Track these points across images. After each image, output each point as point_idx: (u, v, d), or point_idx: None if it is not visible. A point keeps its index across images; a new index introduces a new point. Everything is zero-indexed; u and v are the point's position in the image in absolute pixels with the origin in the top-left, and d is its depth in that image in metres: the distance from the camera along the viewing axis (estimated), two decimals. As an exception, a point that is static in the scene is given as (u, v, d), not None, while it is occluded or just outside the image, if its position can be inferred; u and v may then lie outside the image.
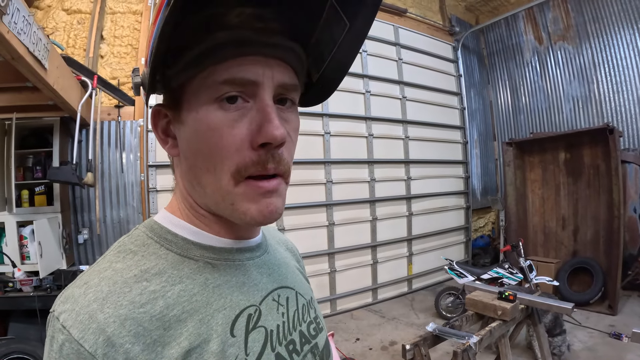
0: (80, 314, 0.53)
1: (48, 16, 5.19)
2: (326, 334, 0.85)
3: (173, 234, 0.66)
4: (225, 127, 0.59)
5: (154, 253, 0.63)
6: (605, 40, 7.33)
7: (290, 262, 0.91)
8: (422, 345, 2.87)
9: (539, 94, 8.43)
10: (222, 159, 0.60)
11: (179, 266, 0.63)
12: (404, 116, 7.30)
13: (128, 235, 0.67)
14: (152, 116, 0.68)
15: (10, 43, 2.57)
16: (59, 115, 4.51)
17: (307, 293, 0.86)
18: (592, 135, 6.31)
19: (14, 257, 4.17)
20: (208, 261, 0.66)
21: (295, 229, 5.84)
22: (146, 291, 0.57)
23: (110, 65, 5.33)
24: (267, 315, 0.69)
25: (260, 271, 0.74)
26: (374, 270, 6.77)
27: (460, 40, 8.50)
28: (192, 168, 0.65)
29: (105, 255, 0.63)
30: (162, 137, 0.68)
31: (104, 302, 0.54)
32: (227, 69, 0.58)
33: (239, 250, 0.71)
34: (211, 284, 0.64)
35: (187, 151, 0.65)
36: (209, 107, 0.59)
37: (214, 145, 0.60)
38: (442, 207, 7.92)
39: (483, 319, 3.38)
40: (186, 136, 0.63)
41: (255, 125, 0.59)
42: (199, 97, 0.60)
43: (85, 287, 0.56)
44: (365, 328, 5.67)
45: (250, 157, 0.60)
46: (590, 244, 6.46)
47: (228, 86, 0.58)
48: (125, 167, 5.17)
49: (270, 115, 0.59)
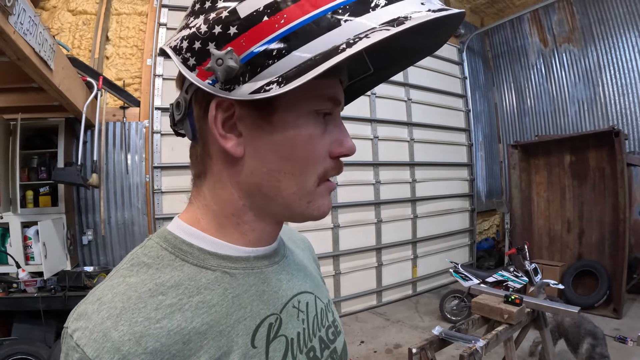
0: (94, 332, 0.51)
1: (53, 17, 5.20)
2: (343, 337, 0.84)
3: (188, 244, 0.64)
4: (319, 137, 0.64)
5: (168, 265, 0.61)
6: (610, 42, 7.30)
7: (308, 265, 0.90)
8: (429, 349, 2.85)
9: (544, 96, 8.40)
10: (314, 164, 0.64)
11: (195, 277, 0.61)
12: (409, 118, 7.29)
13: (141, 246, 0.64)
14: (213, 107, 0.60)
15: (16, 43, 2.57)
16: (64, 116, 4.51)
17: (325, 296, 0.85)
18: (597, 138, 6.27)
19: (18, 258, 4.17)
20: (226, 271, 0.64)
21: (300, 231, 5.77)
22: (162, 305, 0.55)
23: (116, 67, 5.34)
24: (288, 323, 0.68)
25: (280, 278, 0.72)
26: (378, 272, 6.75)
27: (465, 42, 8.49)
28: (270, 171, 0.63)
29: (117, 268, 0.61)
30: (222, 132, 0.61)
31: (118, 319, 0.52)
32: (330, 86, 0.63)
33: (257, 257, 0.69)
34: (230, 294, 0.62)
35: (267, 153, 0.62)
36: (309, 117, 0.62)
37: (310, 152, 0.63)
38: (447, 210, 7.90)
39: (489, 322, 3.35)
40: (273, 139, 0.61)
41: (334, 138, 0.66)
42: (300, 104, 0.61)
43: (98, 303, 0.54)
44: (369, 331, 5.65)
45: (330, 163, 0.66)
46: (595, 247, 6.42)
47: (330, 103, 0.64)
48: (130, 168, 5.17)
49: (347, 132, 0.68)
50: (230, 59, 0.54)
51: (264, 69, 0.54)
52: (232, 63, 0.54)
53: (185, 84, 0.64)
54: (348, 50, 0.50)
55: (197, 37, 0.57)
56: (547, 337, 3.52)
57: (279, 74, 0.53)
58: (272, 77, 0.54)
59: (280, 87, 0.52)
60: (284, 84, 0.52)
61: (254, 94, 0.54)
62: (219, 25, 0.55)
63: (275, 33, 0.53)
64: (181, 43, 0.59)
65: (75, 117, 4.49)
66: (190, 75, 0.58)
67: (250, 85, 0.55)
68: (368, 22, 0.53)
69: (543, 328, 3.48)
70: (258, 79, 0.55)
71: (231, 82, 0.56)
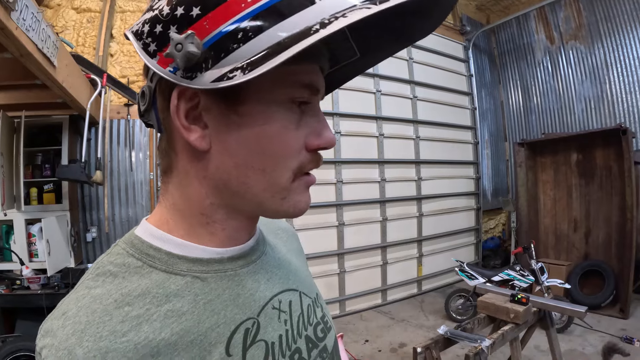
0: (59, 349, 0.48)
1: (58, 15, 5.21)
2: (335, 333, 0.80)
3: (156, 249, 0.59)
4: (293, 129, 0.58)
5: (135, 272, 0.56)
6: (617, 39, 7.23)
7: (292, 258, 0.84)
8: (434, 348, 2.82)
9: (551, 94, 8.34)
10: (287, 158, 0.59)
11: (164, 284, 0.56)
12: (415, 116, 7.27)
13: (107, 253, 0.60)
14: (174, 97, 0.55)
15: (18, 40, 2.56)
16: (68, 113, 4.53)
17: (312, 290, 0.80)
18: (604, 136, 6.23)
19: (22, 255, 4.19)
20: (196, 275, 0.59)
21: (305, 229, 5.80)
22: (128, 317, 0.51)
23: (120, 64, 5.34)
24: (267, 326, 0.63)
25: (257, 278, 0.67)
26: (383, 271, 6.73)
27: (471, 39, 8.44)
28: (238, 166, 0.58)
29: (82, 279, 0.56)
30: (185, 124, 0.56)
31: (82, 334, 0.48)
32: (305, 73, 0.57)
33: (231, 258, 0.64)
34: (201, 300, 0.58)
35: (235, 147, 0.57)
36: (281, 107, 0.57)
37: (282, 145, 0.58)
38: (453, 208, 7.87)
39: (495, 322, 3.33)
40: (241, 131, 0.56)
41: (312, 129, 0.61)
42: (271, 93, 0.56)
43: (63, 318, 0.51)
44: (374, 329, 5.63)
45: (307, 156, 0.61)
46: (602, 247, 6.37)
47: (308, 91, 0.58)
48: (135, 165, 5.17)
49: (326, 123, 0.63)
50: (190, 43, 0.49)
51: (228, 54, 0.49)
52: (192, 48, 0.48)
53: (150, 72, 0.59)
54: (322, 31, 0.46)
55: (159, 20, 0.52)
56: (553, 336, 3.49)
57: (244, 59, 0.48)
58: (237, 63, 0.49)
59: (244, 74, 0.47)
60: (249, 70, 0.47)
61: (216, 82, 0.49)
62: (182, 7, 0.50)
63: (241, 13, 0.49)
64: (142, 27, 0.54)
65: (79, 115, 4.50)
66: (150, 63, 0.53)
67: (213, 73, 0.50)
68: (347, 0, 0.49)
69: (549, 328, 3.46)
70: (222, 66, 0.50)
71: (192, 69, 0.50)
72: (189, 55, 0.49)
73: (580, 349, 4.60)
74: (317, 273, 5.88)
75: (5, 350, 3.63)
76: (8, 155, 4.16)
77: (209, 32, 0.49)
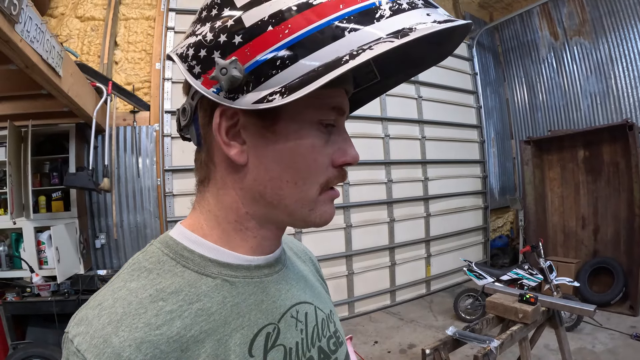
0: (94, 337, 0.52)
1: (62, 24, 5.24)
2: (346, 348, 0.84)
3: (189, 251, 0.64)
4: (322, 147, 0.64)
5: (169, 271, 0.61)
6: (622, 34, 7.17)
7: (309, 275, 0.90)
8: (442, 350, 2.82)
9: (556, 90, 8.29)
10: (316, 173, 0.65)
11: (196, 284, 0.61)
12: (420, 116, 7.25)
13: (142, 252, 0.65)
14: (217, 115, 0.61)
15: (23, 51, 2.58)
16: (74, 121, 4.56)
17: (327, 307, 0.84)
18: (611, 132, 6.20)
19: (32, 262, 4.22)
20: (226, 279, 0.64)
21: (312, 231, 5.80)
22: (162, 312, 0.56)
23: (125, 71, 5.37)
24: (286, 332, 0.68)
25: (279, 287, 0.72)
26: (392, 272, 6.72)
27: (474, 38, 8.42)
28: (273, 179, 0.64)
29: (119, 273, 0.61)
30: (226, 140, 0.62)
31: (119, 324, 0.53)
32: (334, 96, 0.64)
33: (258, 267, 0.69)
34: (229, 302, 0.63)
35: (270, 162, 0.63)
36: (312, 127, 0.63)
37: (312, 161, 0.64)
38: (460, 208, 7.84)
39: (503, 322, 3.32)
40: (276, 148, 0.62)
41: (337, 147, 0.66)
42: (303, 114, 0.62)
43: (99, 308, 0.55)
44: (383, 331, 5.63)
45: (333, 172, 0.67)
46: (610, 244, 6.34)
47: (335, 113, 0.65)
48: (142, 171, 5.20)
49: (350, 141, 0.69)
50: (234, 68, 0.54)
51: (268, 79, 0.55)
52: (236, 73, 0.54)
53: (191, 91, 0.65)
54: (351, 62, 0.51)
55: (203, 45, 0.58)
56: (562, 335, 3.47)
57: (282, 84, 0.54)
58: (275, 87, 0.54)
59: (282, 97, 0.53)
60: (287, 94, 0.53)
61: (256, 104, 0.55)
62: (224, 34, 0.56)
63: (279, 43, 0.54)
64: (187, 50, 0.60)
65: (86, 123, 4.53)
66: (195, 83, 0.59)
67: (254, 95, 0.55)
68: (372, 33, 0.53)
69: (558, 327, 3.44)
70: (261, 89, 0.55)
71: (235, 91, 0.56)
72: (232, 79, 0.55)
73: (590, 347, 4.58)
74: (325, 275, 5.82)
75: (17, 357, 3.67)
76: (16, 164, 4.20)
77: (250, 59, 0.55)
